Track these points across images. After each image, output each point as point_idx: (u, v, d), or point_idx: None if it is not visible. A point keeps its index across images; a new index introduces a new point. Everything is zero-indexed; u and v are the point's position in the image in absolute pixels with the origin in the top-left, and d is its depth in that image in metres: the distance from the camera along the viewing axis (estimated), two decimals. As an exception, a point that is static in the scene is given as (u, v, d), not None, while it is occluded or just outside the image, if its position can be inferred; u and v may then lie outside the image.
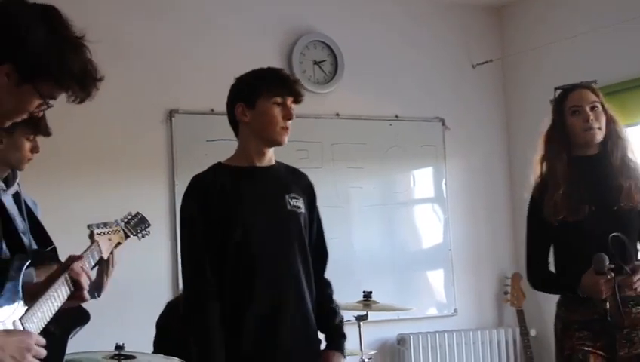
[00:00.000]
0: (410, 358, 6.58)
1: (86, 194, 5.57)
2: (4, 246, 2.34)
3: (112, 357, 3.96)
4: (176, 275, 5.81)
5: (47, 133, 3.47)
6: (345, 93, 6.65)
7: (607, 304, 3.61)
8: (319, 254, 3.51)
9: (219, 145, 5.68)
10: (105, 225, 2.99)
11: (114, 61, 2.23)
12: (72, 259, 2.58)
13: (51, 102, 2.25)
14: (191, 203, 3.35)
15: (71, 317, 2.58)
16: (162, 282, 5.83)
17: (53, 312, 2.39)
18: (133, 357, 3.98)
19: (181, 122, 6.07)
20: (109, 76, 2.40)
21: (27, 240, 3.36)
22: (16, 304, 2.26)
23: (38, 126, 3.38)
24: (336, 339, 3.47)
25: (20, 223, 3.38)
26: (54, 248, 3.46)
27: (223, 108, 3.49)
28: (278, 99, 3.35)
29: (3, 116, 2.24)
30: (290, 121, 3.36)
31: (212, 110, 5.78)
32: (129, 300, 5.56)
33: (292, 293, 3.33)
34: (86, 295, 2.55)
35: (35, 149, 3.46)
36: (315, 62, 6.60)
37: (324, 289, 3.51)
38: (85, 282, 2.54)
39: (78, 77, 2.21)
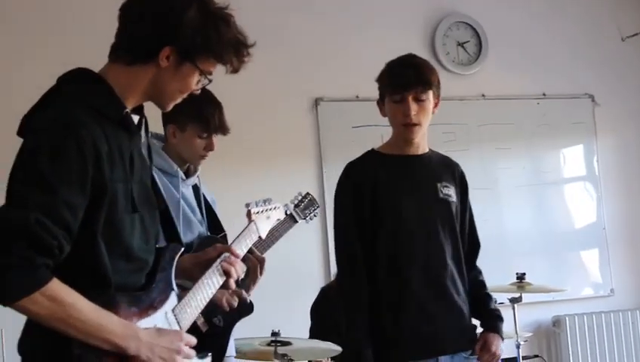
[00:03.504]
0: (567, 340, 6.46)
1: (237, 183, 5.64)
2: (161, 237, 2.34)
3: (268, 344, 4.02)
4: (327, 262, 5.86)
5: (222, 131, 3.42)
6: (490, 74, 6.57)
7: None
8: (471, 244, 3.49)
9: (365, 131, 5.71)
10: (264, 202, 2.94)
11: (261, 52, 2.24)
12: (224, 248, 2.52)
13: (209, 77, 2.24)
14: (345, 189, 3.38)
15: (236, 309, 2.58)
16: (314, 269, 5.89)
17: (207, 301, 2.38)
18: (289, 344, 4.03)
19: (327, 110, 6.12)
20: (257, 67, 2.42)
21: (203, 229, 3.45)
22: (168, 295, 2.25)
23: (209, 124, 3.37)
24: (494, 321, 3.46)
25: (198, 213, 3.47)
26: (225, 235, 3.54)
27: (367, 94, 3.48)
28: (396, 98, 3.31)
29: (168, 98, 2.25)
30: (412, 117, 3.28)
31: (357, 97, 5.79)
32: (282, 287, 5.65)
33: (442, 278, 3.32)
34: (232, 283, 2.49)
35: (208, 147, 3.41)
36: (459, 44, 6.54)
37: (477, 276, 3.51)
38: (236, 273, 2.48)
39: (235, 47, 2.22)
